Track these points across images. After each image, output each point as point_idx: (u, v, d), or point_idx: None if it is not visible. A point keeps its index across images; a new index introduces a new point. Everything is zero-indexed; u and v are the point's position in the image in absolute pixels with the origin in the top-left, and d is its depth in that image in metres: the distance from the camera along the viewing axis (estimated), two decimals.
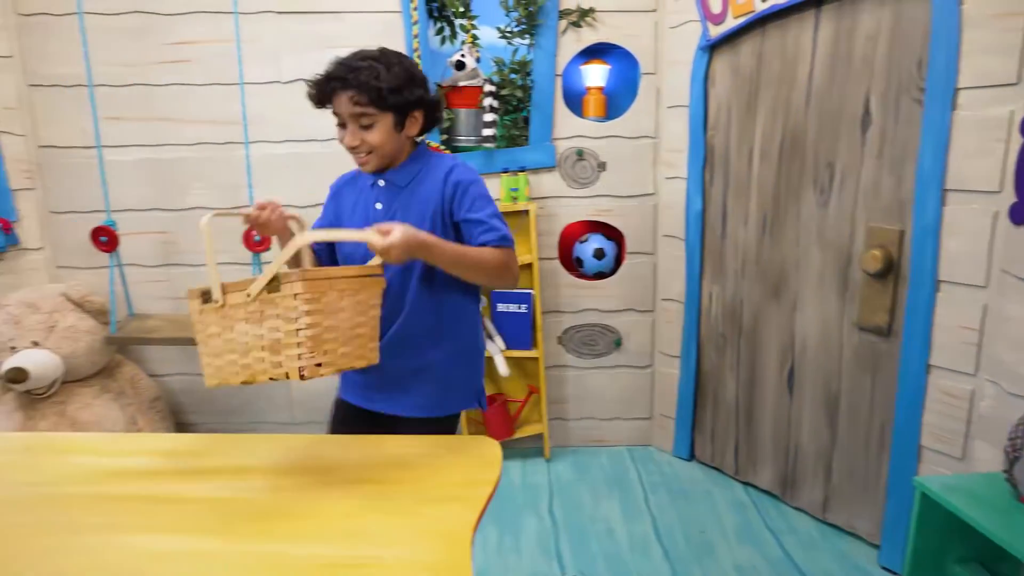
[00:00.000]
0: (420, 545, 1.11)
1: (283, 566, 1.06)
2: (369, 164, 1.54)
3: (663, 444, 3.06)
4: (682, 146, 2.78)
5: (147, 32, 2.72)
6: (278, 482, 1.30)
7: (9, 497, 1.24)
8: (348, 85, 1.45)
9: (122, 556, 1.09)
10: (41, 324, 2.63)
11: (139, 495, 1.24)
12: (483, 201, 1.55)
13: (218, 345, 1.29)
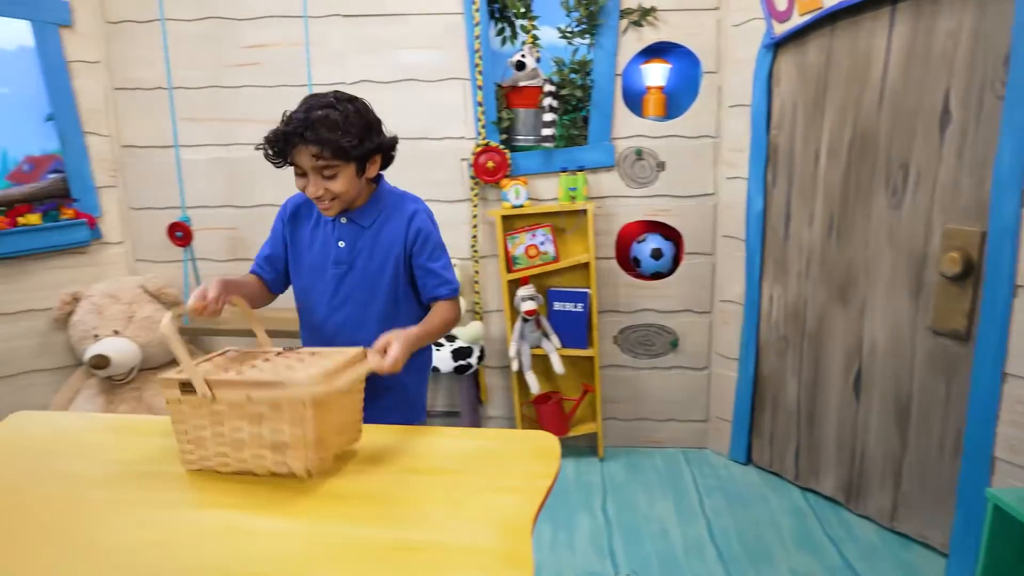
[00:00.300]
0: (482, 533, 1.14)
1: (355, 546, 1.10)
2: (332, 209, 1.54)
3: (719, 447, 3.02)
4: (743, 146, 2.74)
5: (221, 37, 2.84)
6: (353, 468, 1.35)
7: (102, 474, 1.33)
8: (308, 141, 1.44)
9: (209, 531, 1.15)
10: (121, 314, 2.78)
11: (223, 475, 1.31)
12: (440, 251, 1.63)
13: (203, 437, 1.29)
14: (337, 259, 1.59)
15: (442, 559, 1.07)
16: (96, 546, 1.11)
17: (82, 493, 1.26)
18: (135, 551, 1.10)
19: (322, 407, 1.29)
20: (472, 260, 2.96)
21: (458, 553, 1.09)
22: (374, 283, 1.60)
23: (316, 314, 1.64)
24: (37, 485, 1.29)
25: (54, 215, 2.84)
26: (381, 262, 1.59)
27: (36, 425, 1.56)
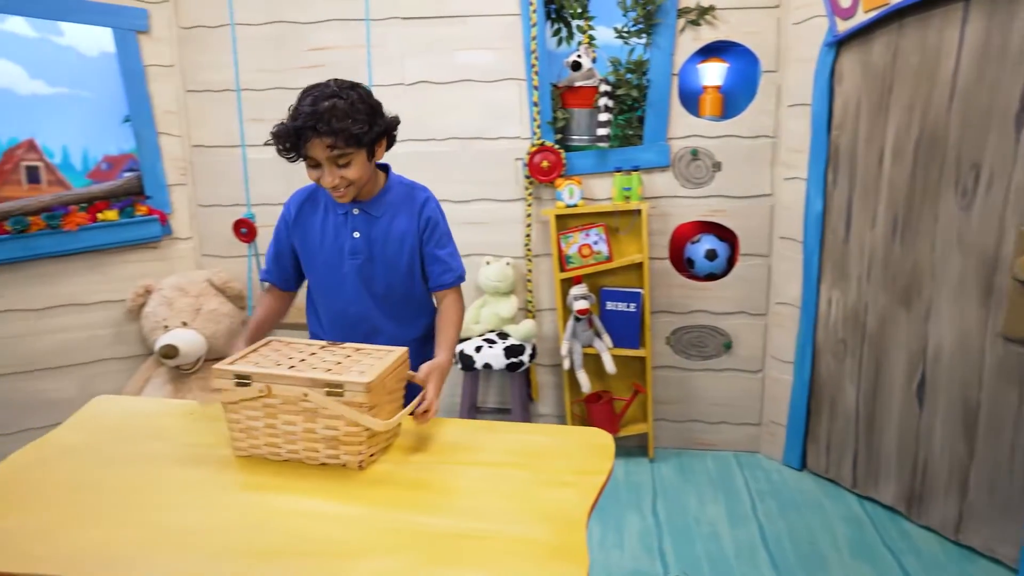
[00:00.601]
0: (536, 525, 1.16)
1: (409, 532, 1.14)
2: (347, 196, 1.57)
3: (772, 452, 2.97)
4: (803, 146, 2.68)
5: (286, 40, 2.94)
6: (407, 458, 1.39)
7: (174, 455, 1.40)
8: (321, 133, 1.47)
9: (274, 512, 1.21)
10: (189, 306, 2.91)
11: (288, 461, 1.37)
12: (446, 239, 1.71)
13: (255, 427, 1.36)
14: (353, 250, 1.63)
15: (496, 549, 1.10)
16: (169, 523, 1.18)
17: (157, 473, 1.34)
18: (204, 531, 1.16)
19: (376, 406, 1.33)
20: (525, 259, 2.99)
21: (512, 543, 1.12)
22: (390, 270, 1.65)
23: (335, 304, 1.68)
24: (116, 464, 1.38)
25: (129, 211, 2.99)
26: (396, 250, 1.64)
27: (115, 409, 1.65)
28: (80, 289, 2.96)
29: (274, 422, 1.35)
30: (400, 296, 1.69)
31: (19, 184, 2.96)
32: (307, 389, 1.31)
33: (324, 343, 1.51)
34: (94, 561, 1.07)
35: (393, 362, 1.42)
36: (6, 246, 2.79)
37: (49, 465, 1.38)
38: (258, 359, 1.41)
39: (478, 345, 2.81)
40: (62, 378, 2.95)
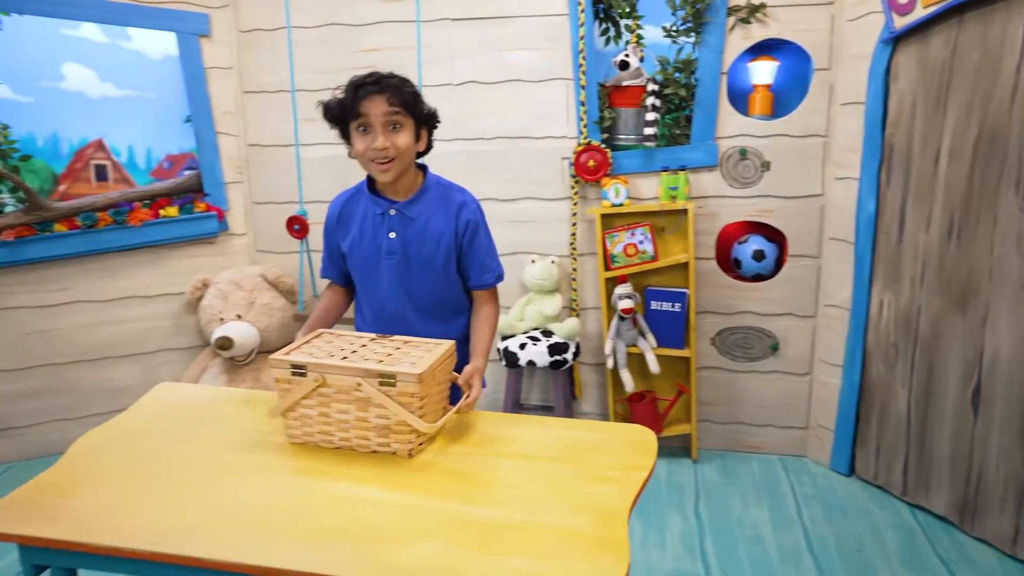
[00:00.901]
0: (579, 518, 1.19)
1: (456, 520, 1.18)
2: (390, 171, 1.60)
3: (819, 456, 2.92)
4: (856, 145, 2.63)
5: (339, 41, 3.02)
6: (460, 449, 1.43)
7: (236, 440, 1.47)
8: (382, 90, 1.54)
9: (326, 496, 1.26)
10: (244, 300, 3.02)
11: (340, 448, 1.42)
12: (488, 241, 1.75)
13: (309, 415, 1.41)
14: (389, 250, 1.67)
15: (540, 539, 1.13)
16: (229, 502, 1.24)
17: (217, 455, 1.41)
18: (261, 510, 1.22)
19: (426, 396, 1.37)
20: (570, 258, 3.01)
21: (556, 534, 1.14)
22: (425, 271, 1.68)
23: (373, 301, 1.74)
24: (179, 446, 1.45)
25: (189, 208, 3.11)
26: (431, 251, 1.67)
27: (177, 395, 1.74)
28: (142, 282, 3.10)
29: (327, 411, 1.40)
30: (435, 296, 1.72)
31: (88, 182, 3.11)
32: (360, 379, 1.36)
33: (374, 336, 1.55)
34: (163, 534, 1.14)
35: (442, 355, 1.46)
36: (76, 240, 2.94)
37: (118, 445, 1.46)
38: (312, 350, 1.47)
39: (522, 342, 2.84)
40: (125, 367, 3.10)
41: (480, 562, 1.07)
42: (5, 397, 2.94)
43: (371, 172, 1.65)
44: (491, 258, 1.75)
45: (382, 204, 1.68)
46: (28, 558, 1.21)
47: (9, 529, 1.17)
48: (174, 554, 1.10)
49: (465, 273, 1.74)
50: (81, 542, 1.13)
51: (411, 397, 1.35)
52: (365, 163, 1.63)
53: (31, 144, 2.99)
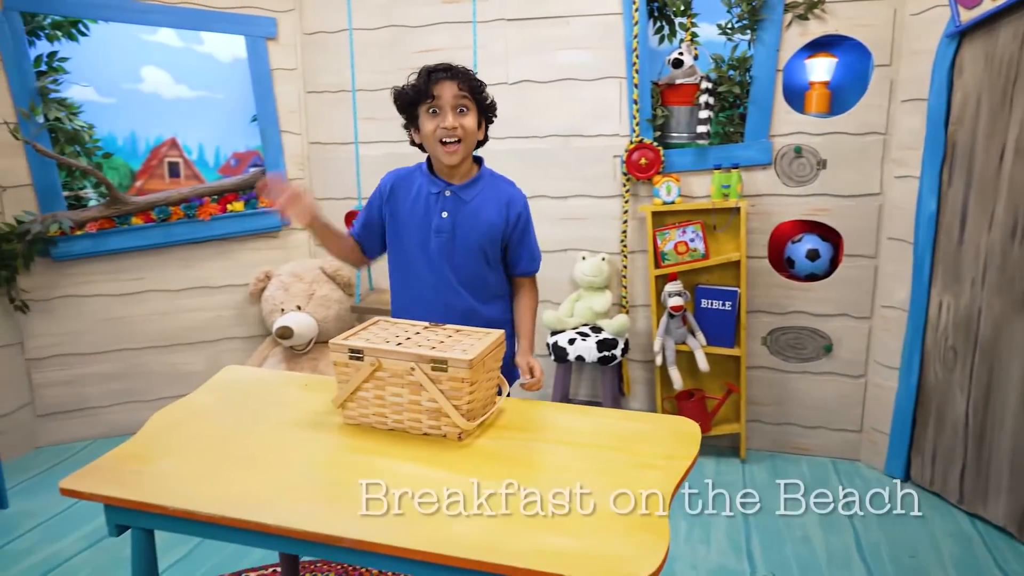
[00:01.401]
0: (624, 501, 1.22)
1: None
2: (456, 154, 1.70)
3: (873, 461, 2.86)
4: (917, 143, 2.58)
5: (398, 43, 3.12)
6: (509, 435, 1.48)
7: (296, 419, 1.56)
8: (454, 76, 1.68)
9: (379, 472, 1.33)
10: (303, 292, 3.15)
11: (393, 430, 1.49)
12: (531, 232, 1.86)
13: (365, 398, 1.48)
14: (439, 228, 1.75)
15: (583, 519, 1.17)
16: (290, 475, 1.33)
17: (279, 432, 1.50)
18: (320, 483, 1.30)
19: (475, 383, 1.43)
20: (621, 255, 3.03)
21: (598, 516, 1.18)
22: (471, 251, 1.76)
23: (417, 277, 1.80)
24: (245, 423, 1.55)
25: (254, 203, 3.26)
26: (479, 235, 1.76)
27: (243, 377, 1.84)
28: (210, 273, 3.26)
29: (382, 393, 1.48)
30: (477, 277, 1.80)
31: (162, 178, 3.30)
32: (414, 364, 1.42)
33: (426, 324, 1.62)
34: (230, 501, 1.23)
35: (492, 343, 1.51)
36: (151, 233, 3.13)
37: (190, 422, 1.57)
38: (368, 336, 1.54)
39: (571, 337, 2.88)
40: (192, 353, 3.27)
41: (524, 538, 1.12)
42: (85, 379, 3.14)
43: (436, 154, 1.74)
44: (536, 248, 1.87)
45: (439, 184, 1.77)
46: (112, 518, 1.31)
47: (96, 490, 1.28)
48: (241, 519, 1.19)
49: (513, 261, 1.84)
50: (158, 504, 1.23)
51: (461, 382, 1.41)
52: (432, 144, 1.72)
53: (112, 143, 3.18)
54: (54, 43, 2.99)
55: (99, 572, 2.23)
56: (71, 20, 3.00)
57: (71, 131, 2.97)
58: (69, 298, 3.07)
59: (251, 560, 2.28)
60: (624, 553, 1.08)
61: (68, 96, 3.02)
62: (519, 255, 1.83)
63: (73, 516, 2.56)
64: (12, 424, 2.99)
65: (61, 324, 3.07)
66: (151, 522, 1.30)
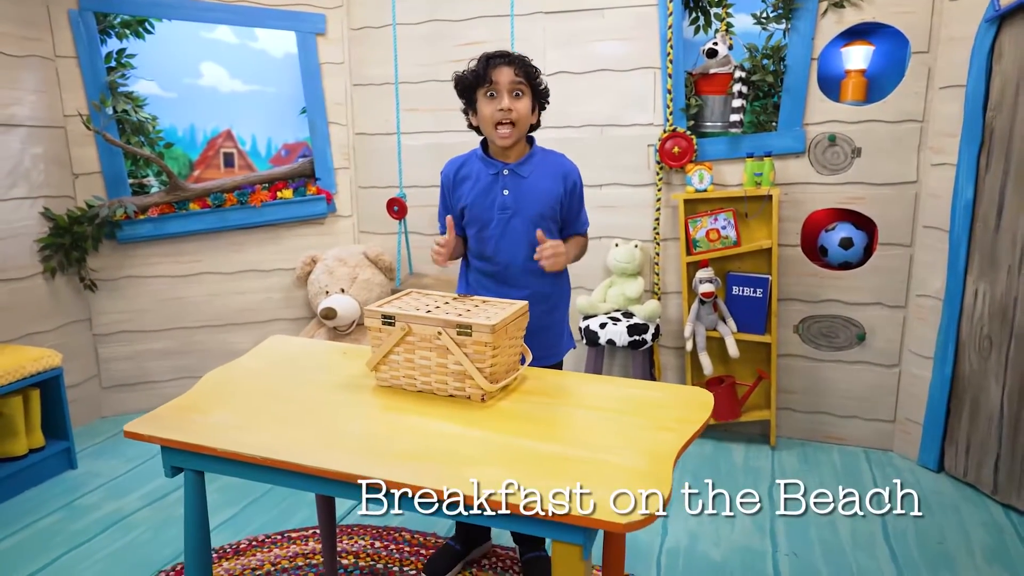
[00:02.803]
0: (631, 456, 1.30)
1: (519, 451, 1.32)
2: (510, 137, 1.83)
3: (907, 451, 2.85)
4: (954, 130, 2.56)
5: (440, 37, 3.24)
6: (526, 398, 1.57)
7: (335, 381, 1.68)
8: (511, 62, 1.82)
9: (408, 428, 1.44)
10: (347, 275, 3.30)
11: (421, 391, 1.60)
12: (583, 199, 2.00)
13: (396, 361, 1.59)
14: (503, 206, 1.88)
15: (593, 470, 1.25)
16: (329, 428, 1.45)
17: (319, 392, 1.62)
18: (358, 436, 1.41)
19: (498, 347, 1.52)
20: (654, 242, 3.08)
21: (608, 468, 1.26)
22: (534, 223, 1.88)
23: (487, 250, 1.93)
24: (288, 383, 1.68)
25: (302, 191, 3.43)
26: (540, 207, 1.88)
27: (287, 345, 1.98)
28: (261, 257, 3.44)
29: (412, 357, 1.58)
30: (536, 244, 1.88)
31: (218, 168, 3.50)
32: (440, 328, 1.53)
33: (456, 295, 1.73)
34: (273, 446, 1.35)
35: (515, 311, 1.61)
36: (207, 218, 3.32)
37: (239, 381, 1.71)
38: (401, 304, 1.66)
39: (603, 322, 2.95)
40: (243, 333, 3.45)
41: (537, 483, 1.20)
42: (147, 355, 3.36)
43: (492, 136, 1.86)
44: (586, 213, 2.03)
45: (496, 165, 1.89)
46: (168, 460, 1.46)
47: (156, 433, 1.42)
48: (281, 459, 1.31)
49: (568, 221, 1.97)
50: (209, 446, 1.36)
51: (484, 346, 1.50)
52: (488, 126, 1.85)
53: (173, 134, 3.39)
54: (123, 40, 3.21)
55: (154, 527, 2.41)
56: (138, 19, 3.22)
57: (136, 122, 3.19)
58: (133, 278, 3.29)
59: (295, 522, 2.43)
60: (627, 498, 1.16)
61: (134, 90, 3.23)
62: (573, 218, 1.98)
63: (133, 478, 2.76)
64: (81, 394, 3.22)
65: (125, 303, 3.29)
66: (201, 464, 1.43)
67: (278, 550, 2.26)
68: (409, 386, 1.61)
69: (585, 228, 2.04)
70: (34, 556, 2.26)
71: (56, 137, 3.08)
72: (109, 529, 2.41)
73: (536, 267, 1.87)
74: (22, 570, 2.18)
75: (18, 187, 2.93)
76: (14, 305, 2.94)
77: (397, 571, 2.15)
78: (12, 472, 2.61)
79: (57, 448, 2.79)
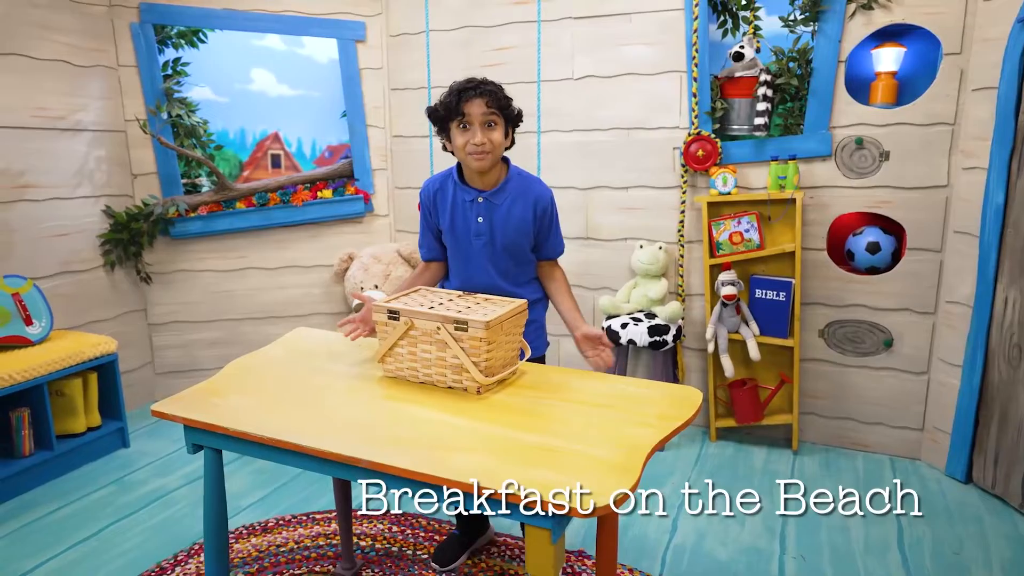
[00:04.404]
0: (607, 448, 1.37)
1: (504, 440, 1.41)
2: (485, 161, 1.84)
3: (935, 461, 2.79)
4: (986, 133, 2.50)
5: (472, 42, 3.34)
6: (526, 393, 1.66)
7: (346, 371, 1.80)
8: (483, 93, 1.80)
9: (405, 416, 1.54)
10: (381, 272, 3.44)
11: (423, 383, 1.70)
12: (557, 223, 2.01)
13: (400, 353, 1.69)
14: (478, 232, 1.92)
15: (568, 460, 1.33)
16: (336, 414, 1.56)
17: (331, 381, 1.74)
18: (360, 422, 1.53)
19: (493, 343, 1.61)
20: (678, 244, 3.10)
21: (583, 458, 1.33)
22: (506, 249, 1.93)
23: (464, 273, 1.99)
24: (304, 372, 1.81)
25: (341, 191, 3.59)
26: (514, 234, 1.92)
27: (309, 337, 2.11)
28: (302, 254, 3.62)
29: (415, 350, 1.69)
30: (515, 267, 1.98)
31: (266, 169, 3.69)
32: (439, 324, 1.62)
33: (460, 293, 1.82)
34: (280, 428, 1.47)
35: (512, 309, 1.69)
36: (252, 216, 3.52)
37: (260, 369, 1.85)
38: (407, 300, 1.76)
39: (624, 322, 2.99)
40: (284, 326, 3.63)
41: (512, 470, 1.28)
42: (196, 344, 3.59)
43: (467, 163, 1.90)
44: (561, 235, 2.05)
45: (471, 192, 1.93)
46: (190, 438, 1.60)
47: (178, 412, 1.57)
48: (283, 440, 1.43)
49: (541, 247, 2.00)
50: (221, 426, 1.50)
51: (480, 341, 1.59)
52: (463, 155, 1.88)
53: (224, 137, 3.61)
54: (178, 50, 3.44)
55: (192, 504, 2.60)
56: (193, 29, 3.44)
57: (189, 126, 3.41)
58: (184, 272, 3.52)
59: (320, 505, 2.58)
60: (594, 486, 1.22)
61: (188, 96, 3.46)
62: (547, 243, 2.00)
63: (178, 458, 2.97)
64: (136, 379, 3.47)
65: (177, 295, 3.52)
66: (218, 442, 1.57)
67: (302, 530, 2.41)
68: (412, 377, 1.71)
69: (560, 252, 2.04)
70: (85, 524, 2.47)
71: (117, 140, 3.33)
72: (152, 504, 2.61)
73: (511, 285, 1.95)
74: (74, 536, 2.40)
75: (83, 187, 3.19)
76: (79, 295, 3.20)
77: (411, 555, 2.26)
78: (71, 448, 2.85)
79: (112, 428, 3.02)
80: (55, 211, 3.08)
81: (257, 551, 2.28)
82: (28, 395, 2.72)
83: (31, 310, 2.83)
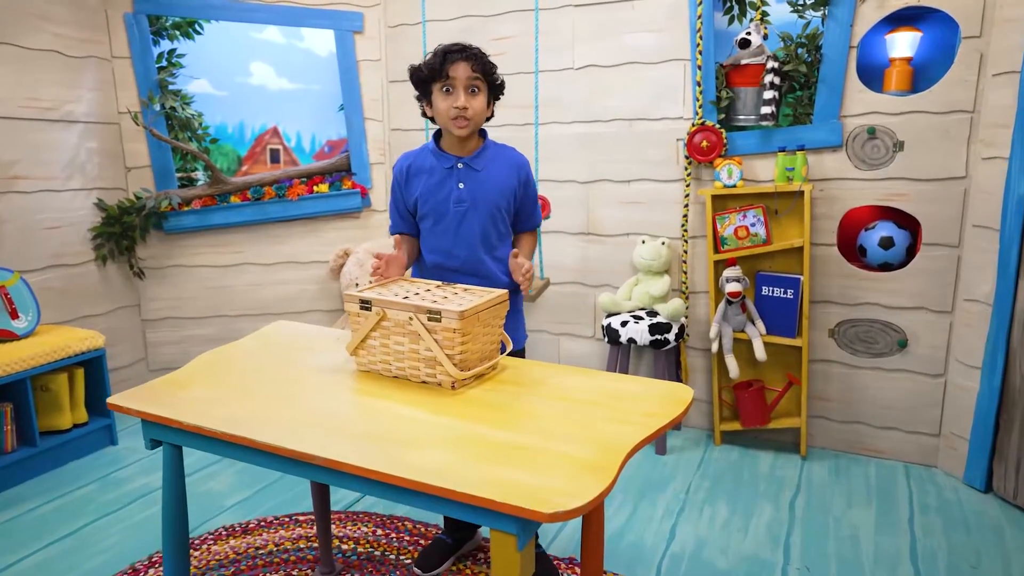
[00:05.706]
0: (587, 448, 1.26)
1: (476, 438, 1.31)
2: (466, 128, 1.80)
3: (952, 468, 2.64)
4: (1008, 121, 2.36)
5: (472, 32, 3.25)
6: (505, 388, 1.55)
7: (319, 364, 1.71)
8: (469, 57, 1.77)
9: (375, 411, 1.45)
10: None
11: (396, 377, 1.60)
12: (536, 192, 2.01)
13: (373, 346, 1.60)
14: (458, 199, 1.86)
15: (540, 459, 1.22)
16: (304, 407, 1.47)
17: (302, 374, 1.65)
18: (326, 416, 1.43)
19: (468, 335, 1.51)
20: (682, 240, 2.98)
21: (556, 457, 1.23)
22: (488, 215, 1.87)
23: (443, 244, 1.90)
24: (276, 365, 1.72)
25: (338, 185, 3.51)
26: (495, 199, 1.87)
27: (287, 330, 2.03)
28: (299, 249, 3.55)
29: (387, 343, 1.59)
30: (491, 235, 1.90)
31: (264, 163, 3.63)
32: (412, 314, 1.53)
33: (439, 283, 1.72)
34: (238, 422, 1.38)
35: (491, 299, 1.59)
36: (247, 210, 3.45)
37: (230, 361, 1.76)
38: (381, 290, 1.67)
39: (624, 320, 2.88)
40: None
41: (476, 469, 1.18)
42: (190, 340, 3.53)
43: (448, 128, 1.83)
44: (537, 208, 2.02)
45: (450, 159, 1.87)
46: (148, 433, 1.52)
47: (133, 406, 1.48)
48: (239, 435, 1.34)
49: (520, 216, 1.96)
50: (175, 419, 1.41)
51: (454, 333, 1.49)
52: (444, 120, 1.82)
53: (223, 131, 3.55)
54: (173, 41, 3.39)
55: None
56: (188, 20, 3.38)
57: (183, 118, 3.35)
58: (179, 267, 3.46)
59: (304, 506, 2.49)
60: (563, 487, 1.12)
61: (184, 88, 3.40)
62: (527, 211, 1.97)
63: None
64: (128, 375, 3.41)
65: (171, 290, 3.47)
66: (176, 438, 1.48)
67: (284, 532, 2.32)
68: (386, 371, 1.62)
69: (537, 223, 2.04)
70: (68, 521, 2.41)
71: (110, 132, 3.28)
72: (136, 502, 2.54)
73: (492, 259, 1.88)
74: (56, 532, 2.33)
75: (74, 179, 3.14)
76: (70, 289, 3.14)
77: (393, 559, 2.16)
78: (57, 444, 2.79)
79: (100, 424, 2.96)
80: (46, 203, 3.03)
81: (235, 553, 2.20)
82: (11, 389, 2.67)
83: (17, 303, 2.78)
